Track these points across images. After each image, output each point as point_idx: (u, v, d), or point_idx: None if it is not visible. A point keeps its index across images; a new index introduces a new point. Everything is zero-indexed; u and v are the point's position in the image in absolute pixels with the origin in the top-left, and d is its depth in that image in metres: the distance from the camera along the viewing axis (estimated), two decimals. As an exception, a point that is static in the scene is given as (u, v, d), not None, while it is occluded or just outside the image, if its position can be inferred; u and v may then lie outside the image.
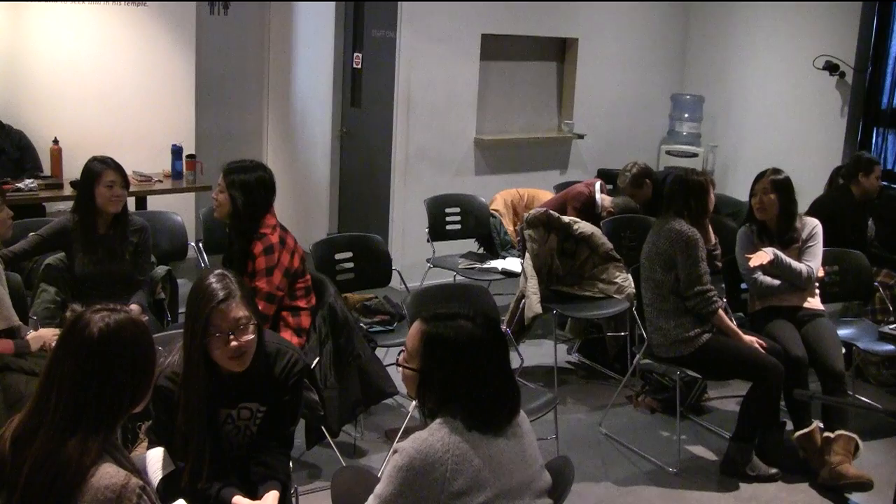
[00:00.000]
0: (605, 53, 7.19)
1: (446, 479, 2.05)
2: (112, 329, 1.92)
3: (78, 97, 6.02)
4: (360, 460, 3.92)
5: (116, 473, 1.87)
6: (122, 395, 1.94)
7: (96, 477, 1.85)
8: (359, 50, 6.79)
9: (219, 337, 2.42)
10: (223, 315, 2.42)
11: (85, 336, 1.91)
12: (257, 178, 3.54)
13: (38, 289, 3.81)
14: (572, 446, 4.11)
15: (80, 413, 1.88)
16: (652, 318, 4.01)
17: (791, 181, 4.17)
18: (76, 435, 1.87)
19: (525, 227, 4.76)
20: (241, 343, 2.44)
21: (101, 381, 1.90)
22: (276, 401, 2.62)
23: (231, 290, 2.47)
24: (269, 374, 2.60)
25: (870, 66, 6.46)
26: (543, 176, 6.95)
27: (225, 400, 2.56)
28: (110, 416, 1.93)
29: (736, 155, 7.33)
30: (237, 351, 2.44)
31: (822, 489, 3.82)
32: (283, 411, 2.64)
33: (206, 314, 2.42)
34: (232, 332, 2.43)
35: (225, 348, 2.43)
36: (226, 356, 2.44)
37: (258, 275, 3.45)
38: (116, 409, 1.94)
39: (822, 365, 3.96)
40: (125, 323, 1.95)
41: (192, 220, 6.16)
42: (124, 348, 1.93)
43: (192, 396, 2.46)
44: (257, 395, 2.60)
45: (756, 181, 4.22)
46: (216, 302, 2.43)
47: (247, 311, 2.47)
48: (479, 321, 2.20)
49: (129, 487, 1.85)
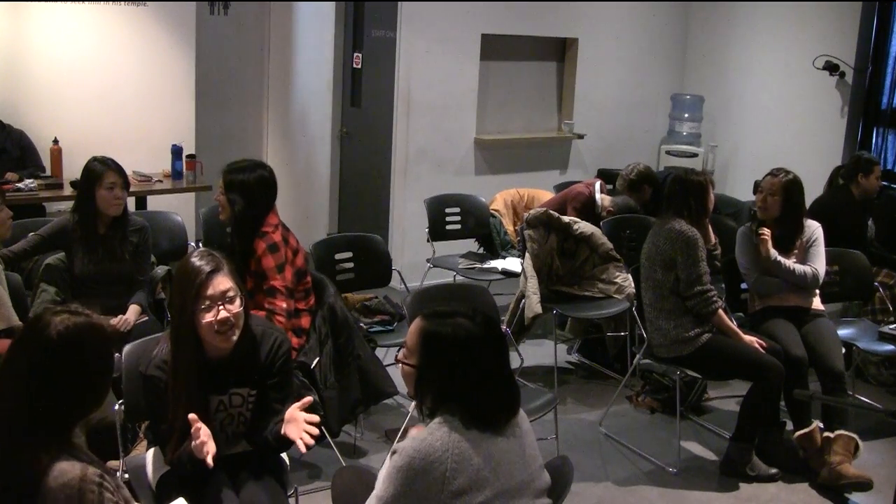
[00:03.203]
0: (605, 53, 7.19)
1: (446, 479, 2.05)
2: (71, 332, 1.88)
3: (78, 97, 6.02)
4: (360, 460, 3.92)
5: (72, 468, 1.83)
6: (74, 399, 1.90)
7: (52, 478, 1.81)
8: (359, 50, 6.79)
9: (208, 307, 2.44)
10: (212, 286, 2.45)
11: (43, 337, 1.87)
12: (256, 177, 3.53)
13: (38, 289, 3.81)
14: (572, 446, 4.11)
15: (31, 414, 1.84)
16: (652, 318, 4.01)
17: (800, 185, 4.14)
18: (28, 437, 1.83)
19: (525, 227, 4.76)
20: (229, 314, 2.45)
21: (54, 384, 1.86)
22: (265, 383, 2.63)
23: (218, 263, 2.50)
24: (255, 358, 2.61)
25: (870, 66, 6.46)
26: (543, 176, 6.95)
27: (215, 387, 2.57)
28: (62, 420, 1.89)
29: (736, 155, 7.33)
30: (226, 323, 2.45)
31: (822, 489, 3.82)
32: (275, 392, 2.64)
33: (195, 288, 2.44)
34: (220, 302, 2.45)
35: (213, 321, 2.43)
36: (213, 329, 2.45)
37: (269, 273, 3.44)
38: (68, 413, 1.90)
39: (822, 365, 3.96)
40: (85, 326, 1.91)
41: (192, 220, 6.16)
42: (83, 352, 1.90)
43: (182, 379, 2.46)
44: (246, 379, 2.61)
45: (764, 178, 4.20)
46: (205, 275, 2.45)
47: (233, 284, 2.50)
48: (479, 319, 2.21)
49: (87, 479, 1.82)
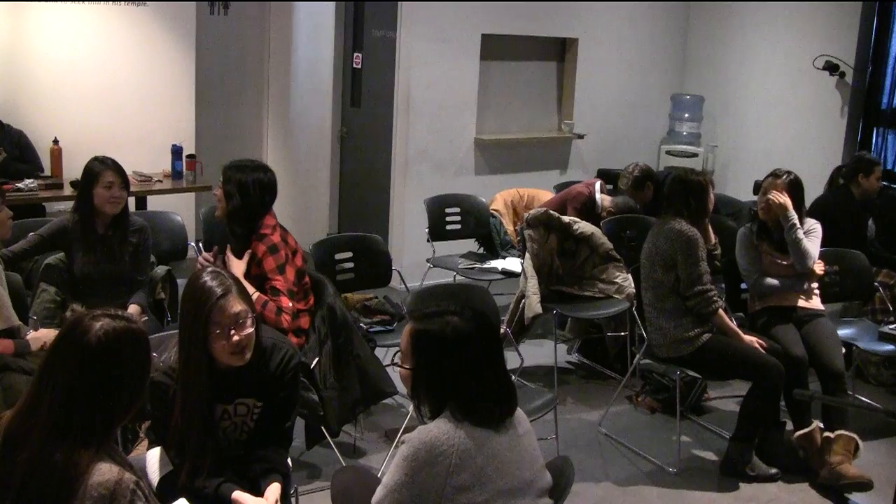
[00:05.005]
0: (605, 53, 7.19)
1: (450, 473, 2.07)
2: (111, 338, 1.89)
3: (78, 97, 6.02)
4: (360, 460, 3.92)
5: (110, 470, 1.85)
6: (114, 404, 1.91)
7: (90, 475, 1.83)
8: (359, 50, 6.79)
9: (220, 333, 2.43)
10: (222, 311, 2.43)
11: (83, 343, 1.87)
12: (255, 179, 3.53)
13: (38, 289, 3.80)
14: (572, 446, 4.11)
15: (71, 420, 1.85)
16: (652, 317, 4.01)
17: (800, 186, 4.15)
18: (67, 443, 1.84)
19: (525, 227, 4.76)
20: (241, 337, 2.44)
21: (95, 390, 1.87)
22: (272, 396, 2.62)
23: (227, 285, 2.48)
24: (265, 370, 2.60)
25: (870, 66, 6.46)
26: (543, 176, 6.95)
27: (221, 395, 2.56)
28: (102, 425, 1.89)
29: (736, 155, 7.33)
30: (238, 345, 2.44)
31: (822, 489, 3.82)
32: (279, 407, 2.64)
33: (205, 312, 2.42)
34: (232, 326, 2.43)
35: (226, 343, 2.43)
36: (227, 351, 2.44)
37: (271, 274, 3.45)
38: (109, 418, 1.90)
39: (822, 365, 3.96)
40: (124, 332, 1.92)
41: (192, 220, 6.16)
42: (121, 359, 1.90)
43: (192, 395, 2.46)
44: (254, 390, 2.60)
45: (766, 179, 4.20)
46: (215, 298, 2.43)
47: (244, 305, 2.48)
48: (468, 315, 2.21)
49: (123, 483, 1.84)
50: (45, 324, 3.61)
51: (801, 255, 4.08)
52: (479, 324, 2.22)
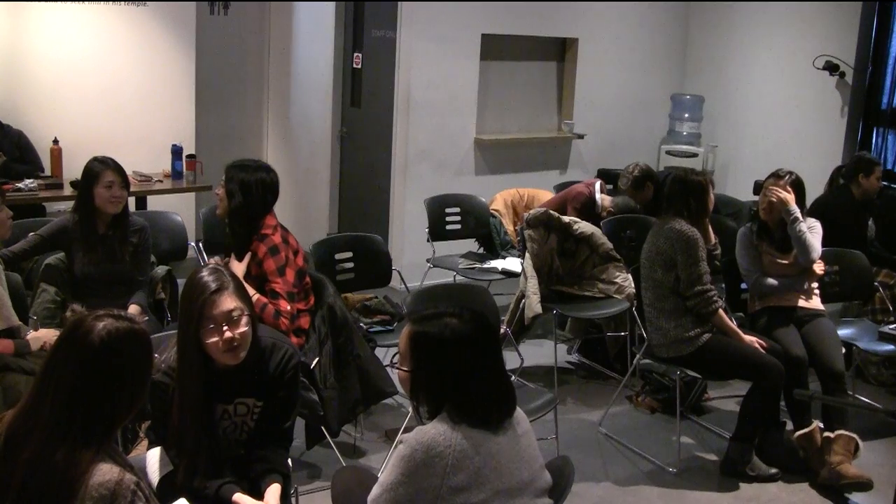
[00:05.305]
0: (605, 53, 7.19)
1: (447, 473, 2.07)
2: (114, 338, 1.89)
3: (78, 97, 6.02)
4: (360, 460, 3.92)
5: (110, 470, 1.85)
6: (116, 404, 1.91)
7: (90, 476, 1.83)
8: (359, 50, 6.79)
9: (212, 329, 2.42)
10: (216, 306, 2.43)
11: (86, 343, 1.87)
12: (258, 179, 3.53)
13: (38, 289, 3.80)
14: (572, 446, 4.11)
15: (73, 420, 1.85)
16: (652, 317, 4.01)
17: (801, 186, 4.15)
18: (68, 443, 1.84)
19: (525, 227, 4.76)
20: (235, 334, 2.44)
21: (97, 391, 1.87)
22: (272, 396, 2.62)
23: (223, 281, 2.48)
24: (264, 369, 2.60)
25: (870, 66, 6.46)
26: (543, 176, 6.95)
27: (221, 395, 2.56)
28: (103, 425, 1.89)
29: (736, 155, 7.33)
30: (231, 343, 2.44)
31: (822, 489, 3.82)
32: (279, 407, 2.64)
33: (199, 306, 2.42)
34: (225, 323, 2.43)
35: (219, 340, 2.42)
36: (219, 349, 2.44)
37: (271, 276, 3.45)
38: (110, 418, 1.91)
39: (822, 365, 3.96)
40: (127, 333, 1.92)
41: (192, 220, 6.16)
42: (124, 359, 1.90)
43: (187, 391, 2.45)
44: (253, 390, 2.60)
45: (767, 180, 4.20)
46: (209, 293, 2.43)
47: (239, 303, 2.47)
48: (466, 317, 2.21)
49: (123, 483, 1.84)
50: (45, 324, 3.61)
51: (805, 249, 4.07)
52: (478, 326, 2.22)
